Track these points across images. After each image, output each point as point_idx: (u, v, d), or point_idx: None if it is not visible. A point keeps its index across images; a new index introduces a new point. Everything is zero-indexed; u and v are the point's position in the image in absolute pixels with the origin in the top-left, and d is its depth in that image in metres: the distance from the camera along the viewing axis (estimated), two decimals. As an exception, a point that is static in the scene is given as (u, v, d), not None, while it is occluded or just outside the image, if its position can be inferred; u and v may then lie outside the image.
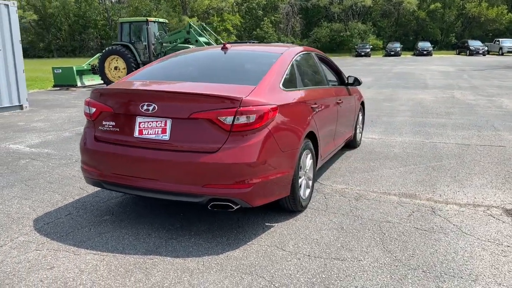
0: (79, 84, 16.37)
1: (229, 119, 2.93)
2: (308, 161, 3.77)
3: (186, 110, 3.02)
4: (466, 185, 4.45)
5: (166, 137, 3.06)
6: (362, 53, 42.89)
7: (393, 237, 3.22)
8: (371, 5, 51.28)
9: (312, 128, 3.77)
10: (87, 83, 16.85)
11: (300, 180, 3.63)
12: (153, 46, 15.67)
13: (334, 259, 2.89)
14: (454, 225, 3.44)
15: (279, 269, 2.75)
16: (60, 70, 16.25)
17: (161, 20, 17.12)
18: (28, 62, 33.21)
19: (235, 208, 3.00)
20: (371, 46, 45.81)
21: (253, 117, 2.96)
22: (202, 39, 14.98)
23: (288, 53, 3.95)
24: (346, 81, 5.38)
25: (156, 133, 3.09)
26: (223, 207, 3.00)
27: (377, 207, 3.84)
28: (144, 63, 15.78)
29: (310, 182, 3.89)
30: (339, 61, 24.90)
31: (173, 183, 3.00)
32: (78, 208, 3.83)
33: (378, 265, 2.81)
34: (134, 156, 3.11)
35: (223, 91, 3.10)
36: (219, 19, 49.69)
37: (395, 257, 2.91)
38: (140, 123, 3.15)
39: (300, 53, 4.22)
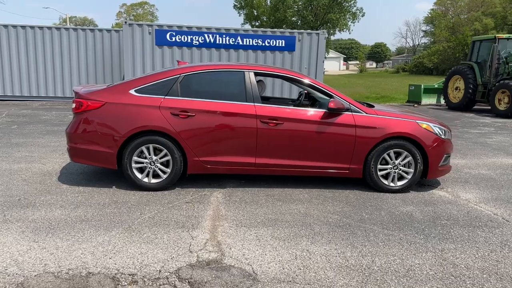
0: (423, 102, 16.79)
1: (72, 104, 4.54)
2: (157, 155, 4.49)
3: None
4: (314, 242, 3.08)
5: (75, 113, 5.02)
6: None
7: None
8: None
9: (161, 129, 4.39)
10: (427, 101, 16.96)
11: (141, 165, 4.51)
12: (497, 66, 13.59)
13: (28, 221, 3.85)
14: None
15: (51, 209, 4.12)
16: (413, 87, 17.29)
17: (519, 36, 14.14)
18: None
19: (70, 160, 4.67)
20: None
21: (74, 105, 4.40)
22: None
23: (178, 70, 4.64)
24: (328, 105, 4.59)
25: (79, 110, 5.08)
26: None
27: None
28: (484, 85, 14.01)
29: (164, 174, 4.53)
30: None
31: None
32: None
33: None
34: None
35: (86, 89, 4.64)
36: None
37: None
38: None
39: (200, 71, 4.65)
